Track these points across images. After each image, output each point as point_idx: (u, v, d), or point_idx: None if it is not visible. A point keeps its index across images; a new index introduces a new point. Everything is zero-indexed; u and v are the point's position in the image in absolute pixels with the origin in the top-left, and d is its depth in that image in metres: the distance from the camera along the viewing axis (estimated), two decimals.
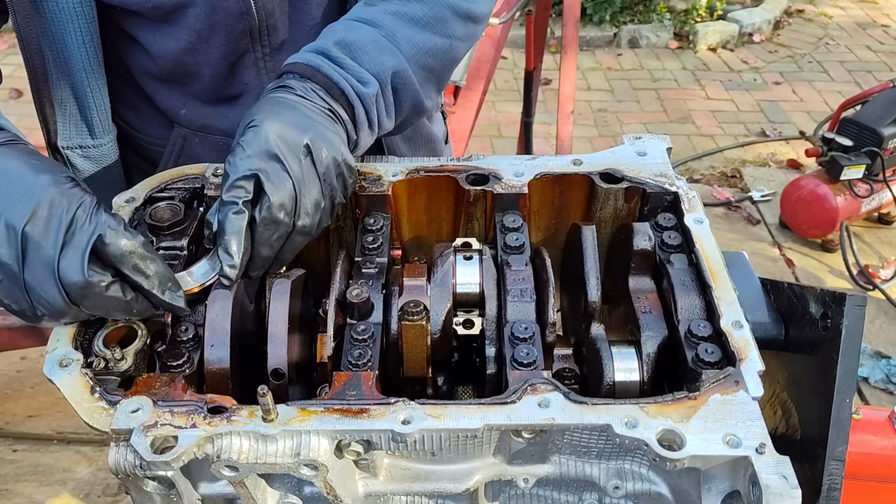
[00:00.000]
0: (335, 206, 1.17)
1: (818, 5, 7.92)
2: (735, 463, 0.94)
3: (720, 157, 5.60)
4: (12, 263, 0.96)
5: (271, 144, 1.08)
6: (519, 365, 1.04)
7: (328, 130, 1.15)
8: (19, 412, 3.44)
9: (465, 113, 3.23)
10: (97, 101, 1.42)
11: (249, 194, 1.06)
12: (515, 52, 6.54)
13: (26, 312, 1.00)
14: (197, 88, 1.48)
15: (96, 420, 0.97)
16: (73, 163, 1.46)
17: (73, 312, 1.00)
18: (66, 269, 0.96)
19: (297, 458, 0.94)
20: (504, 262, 1.19)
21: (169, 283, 1.05)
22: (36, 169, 1.01)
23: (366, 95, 1.23)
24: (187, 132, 1.54)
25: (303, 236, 1.13)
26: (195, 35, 1.37)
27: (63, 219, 0.97)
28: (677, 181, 1.29)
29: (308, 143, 1.10)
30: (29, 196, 0.97)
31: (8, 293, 0.99)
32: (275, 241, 1.10)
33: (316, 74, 1.21)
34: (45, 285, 0.96)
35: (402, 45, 1.29)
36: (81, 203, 0.99)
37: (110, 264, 1.00)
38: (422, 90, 1.34)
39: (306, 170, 1.10)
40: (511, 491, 1.12)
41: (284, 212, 1.08)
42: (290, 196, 1.08)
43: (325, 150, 1.12)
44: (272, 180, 1.06)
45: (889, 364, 3.77)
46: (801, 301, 1.15)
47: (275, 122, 1.10)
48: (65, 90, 1.39)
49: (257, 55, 1.45)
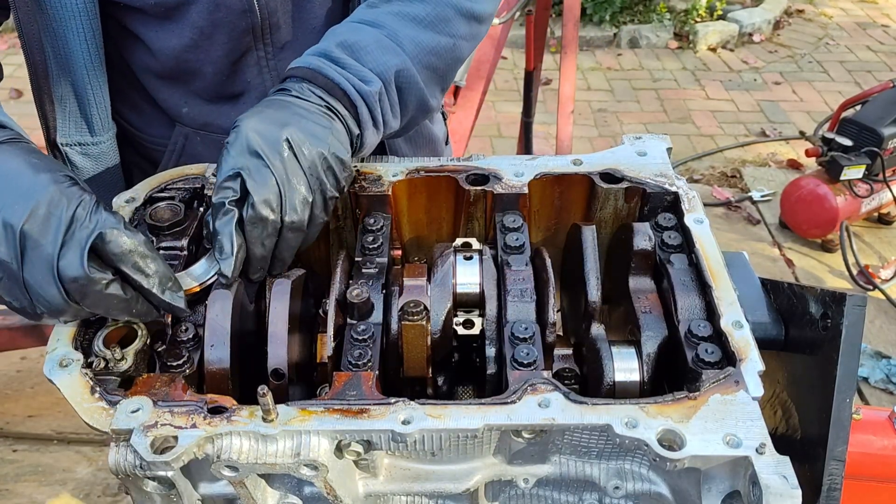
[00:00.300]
0: (328, 201, 1.16)
1: (818, 5, 7.92)
2: (735, 463, 0.94)
3: (720, 157, 5.60)
4: (11, 261, 0.96)
5: (251, 142, 1.08)
6: (519, 365, 1.04)
7: (315, 125, 1.15)
8: (19, 412, 3.44)
9: (465, 113, 3.24)
10: (97, 98, 1.42)
11: (236, 194, 1.07)
12: (515, 52, 6.54)
13: (27, 310, 1.00)
14: (199, 86, 1.48)
15: (96, 420, 0.97)
16: (72, 160, 1.46)
17: (73, 310, 1.00)
18: (66, 267, 0.96)
19: (297, 459, 0.94)
20: (504, 262, 1.19)
21: (169, 283, 1.05)
22: (35, 168, 1.01)
23: (368, 94, 1.23)
24: (189, 131, 1.54)
25: (294, 233, 1.12)
26: (197, 32, 1.38)
27: (63, 217, 0.97)
28: (677, 181, 1.29)
29: (287, 137, 1.10)
30: (28, 195, 0.97)
31: (8, 291, 0.99)
32: (266, 239, 1.10)
33: (317, 76, 1.21)
34: (43, 283, 0.96)
35: (405, 45, 1.30)
36: (81, 201, 0.99)
37: (110, 263, 1.00)
38: (426, 89, 1.34)
39: (289, 165, 1.10)
40: (511, 491, 1.12)
41: (270, 208, 1.08)
42: (275, 192, 1.08)
43: (309, 143, 1.12)
44: (254, 178, 1.07)
45: (889, 364, 3.77)
46: (801, 301, 1.15)
47: (253, 119, 1.11)
48: (65, 87, 1.39)
49: (259, 54, 1.46)
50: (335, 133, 1.17)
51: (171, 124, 1.55)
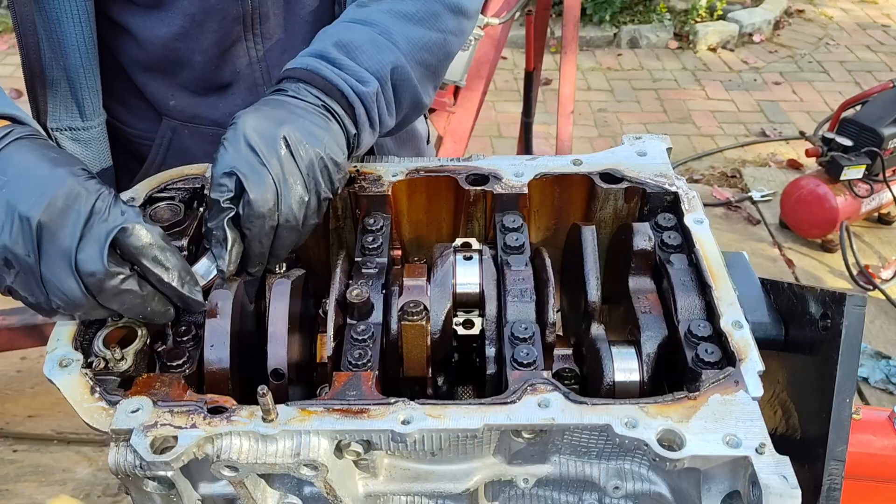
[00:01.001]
0: (322, 202, 1.16)
1: (818, 5, 7.92)
2: (735, 463, 0.94)
3: (720, 157, 5.60)
4: (28, 255, 0.96)
5: (248, 139, 1.08)
6: (519, 365, 1.04)
7: (312, 125, 1.15)
8: (19, 412, 3.44)
9: (465, 113, 3.23)
10: (89, 81, 1.42)
11: (232, 192, 1.07)
12: (515, 52, 6.54)
13: (42, 305, 1.00)
14: (186, 78, 1.48)
15: (96, 420, 0.97)
16: (63, 145, 1.46)
17: (88, 305, 0.99)
18: (84, 261, 0.96)
19: (297, 459, 0.94)
20: (504, 262, 1.19)
21: (188, 277, 1.05)
22: (54, 162, 1.01)
23: (365, 94, 1.23)
24: (176, 124, 1.54)
25: (289, 232, 1.12)
26: (188, 20, 1.38)
27: (82, 210, 0.97)
28: (677, 181, 1.29)
29: (285, 135, 1.10)
30: (45, 188, 0.97)
31: (24, 285, 0.99)
32: (263, 236, 1.10)
33: (314, 77, 1.21)
34: (61, 277, 0.96)
35: (398, 42, 1.30)
36: (100, 194, 0.99)
37: (130, 257, 1.00)
38: (420, 86, 1.35)
39: (286, 163, 1.10)
40: (511, 491, 1.12)
41: (266, 206, 1.08)
42: (271, 190, 1.08)
43: (306, 142, 1.12)
44: (250, 176, 1.07)
45: (889, 364, 3.77)
46: (801, 301, 1.15)
47: (251, 117, 1.11)
48: (57, 70, 1.39)
49: (249, 44, 1.46)
50: (332, 134, 1.17)
51: (159, 118, 1.55)
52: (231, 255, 1.08)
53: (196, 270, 1.10)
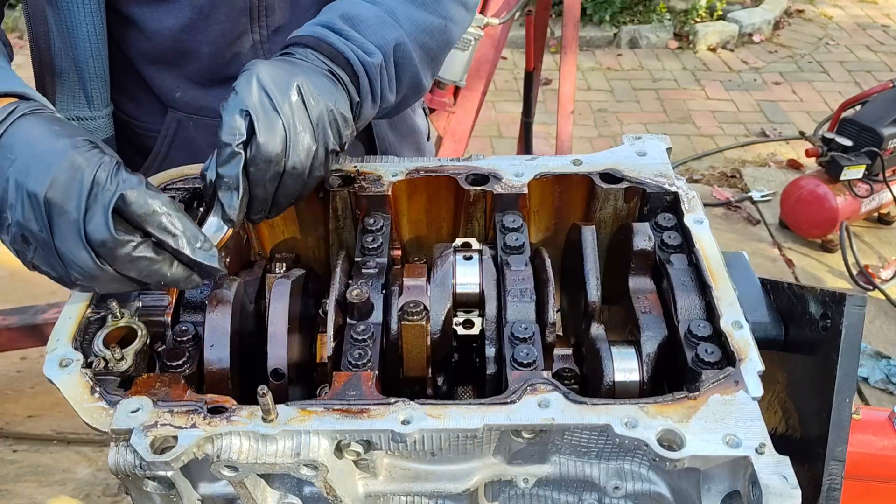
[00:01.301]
0: (329, 154, 1.16)
1: (818, 5, 7.92)
2: (735, 463, 0.94)
3: (720, 158, 5.60)
4: (42, 230, 0.96)
5: (263, 83, 1.08)
6: (519, 365, 1.04)
7: (322, 79, 1.16)
8: (19, 412, 3.44)
9: (465, 113, 3.24)
10: (98, 71, 1.42)
11: (243, 135, 1.07)
12: (515, 52, 6.54)
13: (63, 279, 1.01)
14: (192, 70, 1.49)
15: (96, 420, 0.97)
16: None
17: (105, 276, 0.99)
18: (93, 231, 0.96)
19: (297, 459, 0.94)
20: (504, 262, 1.19)
21: (198, 242, 1.03)
22: (56, 134, 1.01)
23: (371, 65, 1.24)
24: (182, 116, 1.54)
25: (294, 180, 1.12)
26: (196, 11, 1.39)
27: (84, 181, 0.97)
28: (677, 181, 1.29)
29: (299, 84, 1.11)
30: (48, 163, 0.97)
31: (45, 260, 1.00)
32: (268, 181, 1.09)
33: (321, 44, 1.22)
34: (74, 249, 0.97)
35: (402, 22, 1.32)
36: (101, 164, 0.99)
37: (136, 224, 0.99)
38: (420, 68, 1.36)
39: (297, 110, 1.10)
40: (511, 491, 1.12)
41: (275, 151, 1.07)
42: (280, 135, 1.08)
43: (318, 93, 1.13)
44: (262, 118, 1.07)
45: (889, 364, 3.77)
46: (801, 301, 1.15)
47: (265, 64, 1.12)
48: (66, 59, 1.40)
49: (255, 36, 1.47)
50: (339, 92, 1.19)
51: (164, 110, 1.55)
52: (242, 203, 1.08)
53: (206, 232, 1.08)
